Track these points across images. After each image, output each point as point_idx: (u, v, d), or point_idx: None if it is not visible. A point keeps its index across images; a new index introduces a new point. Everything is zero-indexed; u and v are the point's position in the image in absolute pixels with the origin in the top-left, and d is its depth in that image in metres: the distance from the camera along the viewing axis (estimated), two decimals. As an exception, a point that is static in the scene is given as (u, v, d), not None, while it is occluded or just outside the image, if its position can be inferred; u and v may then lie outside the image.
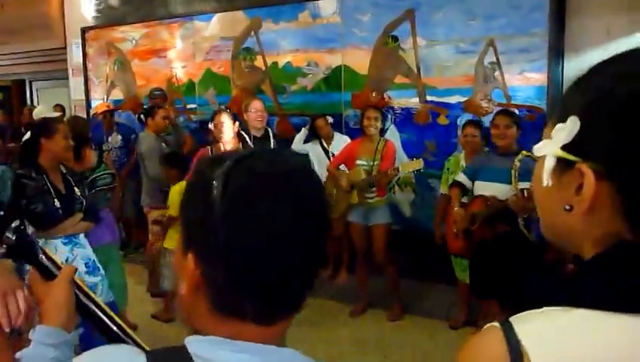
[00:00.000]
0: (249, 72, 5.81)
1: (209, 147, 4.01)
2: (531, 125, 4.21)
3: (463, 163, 4.07)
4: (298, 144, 5.01)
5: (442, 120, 4.79)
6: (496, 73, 4.54)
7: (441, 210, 4.21)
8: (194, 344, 0.70)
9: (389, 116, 4.94)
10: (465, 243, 3.61)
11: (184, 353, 0.69)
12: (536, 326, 0.61)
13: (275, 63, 5.62)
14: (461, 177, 3.74)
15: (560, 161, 0.63)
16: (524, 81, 4.44)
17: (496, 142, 3.55)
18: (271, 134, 4.45)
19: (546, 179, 0.64)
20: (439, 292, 4.56)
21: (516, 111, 4.16)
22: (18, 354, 0.95)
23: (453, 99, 4.73)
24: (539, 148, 0.66)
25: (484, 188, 3.53)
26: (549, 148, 0.64)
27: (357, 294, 4.55)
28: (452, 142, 4.75)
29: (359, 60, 5.15)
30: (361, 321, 4.35)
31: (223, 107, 4.91)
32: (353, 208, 4.32)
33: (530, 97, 4.41)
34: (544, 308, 0.63)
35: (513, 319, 0.62)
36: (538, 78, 4.37)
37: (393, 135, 4.92)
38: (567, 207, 0.63)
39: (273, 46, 5.61)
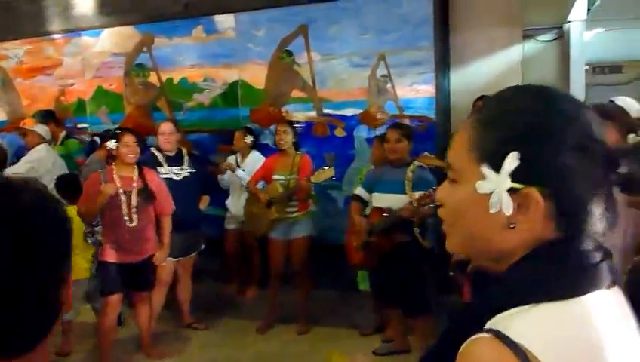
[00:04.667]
0: (143, 89, 5.62)
1: (100, 171, 3.71)
2: (422, 134, 4.40)
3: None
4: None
5: (340, 132, 4.88)
6: (388, 85, 4.70)
7: None
8: None
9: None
10: (364, 254, 3.64)
11: None
12: (522, 327, 0.66)
13: (170, 79, 5.48)
14: (359, 190, 3.77)
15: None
16: (415, 93, 4.62)
17: (389, 156, 3.62)
18: (184, 153, 4.29)
19: (505, 210, 0.70)
20: (345, 301, 4.60)
21: (408, 123, 4.31)
22: None
23: (349, 112, 4.83)
24: (483, 186, 0.71)
25: (380, 199, 3.60)
26: (502, 185, 0.70)
27: (264, 310, 4.48)
28: (350, 153, 4.84)
29: (256, 75, 5.14)
30: (269, 337, 4.28)
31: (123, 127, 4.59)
32: (274, 224, 4.24)
33: (421, 108, 4.60)
34: (509, 311, 0.67)
35: (493, 326, 0.67)
36: (427, 89, 4.58)
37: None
38: (512, 226, 0.71)
39: (168, 62, 5.47)
